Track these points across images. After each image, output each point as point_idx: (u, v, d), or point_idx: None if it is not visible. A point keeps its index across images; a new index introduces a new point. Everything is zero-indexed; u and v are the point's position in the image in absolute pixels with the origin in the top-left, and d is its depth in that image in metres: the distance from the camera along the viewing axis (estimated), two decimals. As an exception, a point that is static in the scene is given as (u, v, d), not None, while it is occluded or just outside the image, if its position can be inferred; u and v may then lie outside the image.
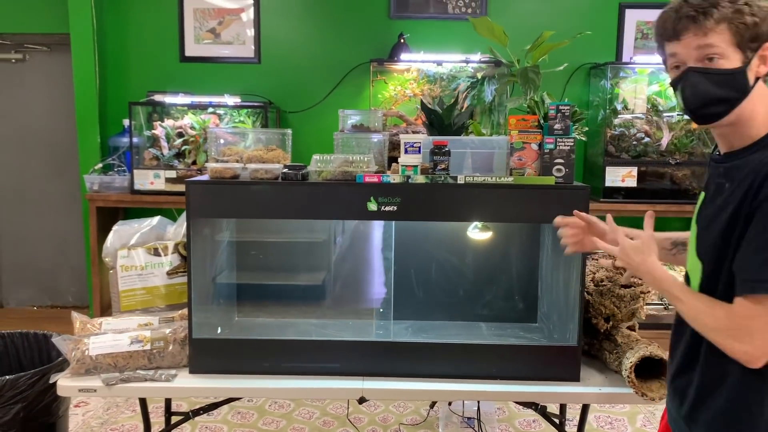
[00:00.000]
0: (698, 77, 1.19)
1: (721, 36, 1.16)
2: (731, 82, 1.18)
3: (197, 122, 4.06)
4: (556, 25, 4.21)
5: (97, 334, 1.90)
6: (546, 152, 1.83)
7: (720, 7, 1.15)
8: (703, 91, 1.19)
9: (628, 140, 4.04)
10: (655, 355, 1.73)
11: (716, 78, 1.18)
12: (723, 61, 1.18)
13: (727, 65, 1.18)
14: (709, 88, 1.19)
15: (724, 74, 1.18)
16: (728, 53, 1.17)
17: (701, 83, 1.19)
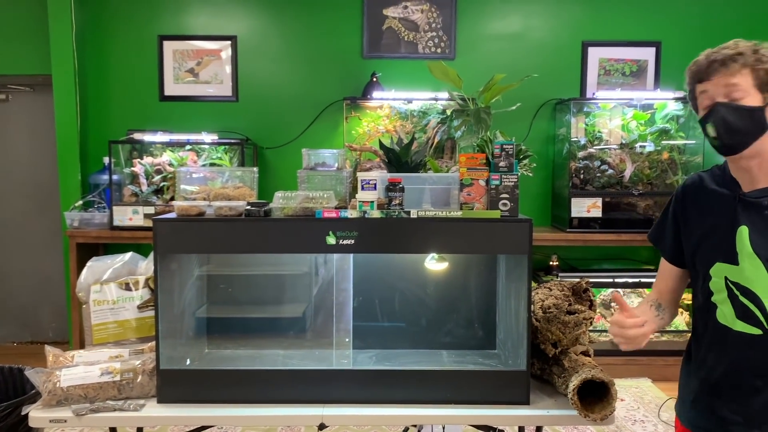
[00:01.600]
0: (726, 110, 1.42)
1: (745, 78, 1.40)
2: (752, 117, 1.40)
3: (175, 159, 4.17)
4: (523, 63, 4.43)
5: (68, 366, 1.97)
6: (492, 188, 1.95)
7: (745, 56, 1.39)
8: (730, 122, 1.41)
9: (592, 172, 4.19)
10: (597, 378, 1.83)
11: (740, 112, 1.41)
12: (745, 100, 1.40)
13: (748, 102, 1.40)
14: (734, 119, 1.41)
15: (746, 110, 1.40)
16: (750, 93, 1.40)
17: (728, 115, 1.42)
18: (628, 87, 4.50)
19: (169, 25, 4.50)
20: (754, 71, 1.39)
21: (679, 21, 4.50)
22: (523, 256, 1.93)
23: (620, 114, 4.30)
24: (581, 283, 2.05)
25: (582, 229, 4.14)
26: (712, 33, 4.46)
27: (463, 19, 4.48)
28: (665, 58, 4.50)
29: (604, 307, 4.19)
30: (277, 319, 2.44)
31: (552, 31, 4.52)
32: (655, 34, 4.51)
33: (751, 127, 1.40)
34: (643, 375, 4.12)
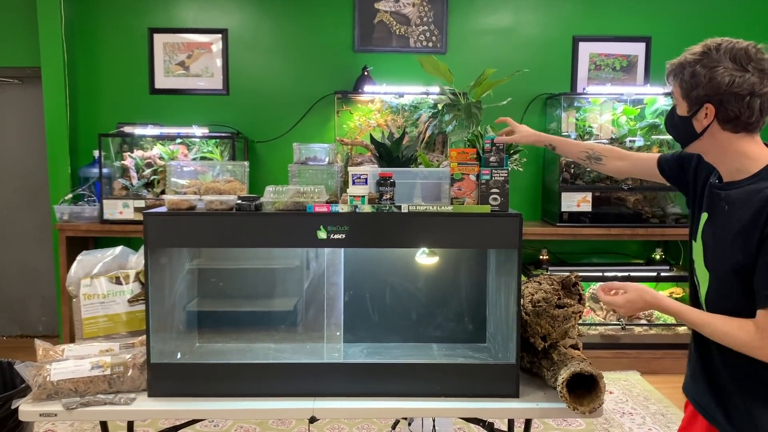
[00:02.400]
0: (670, 111, 1.58)
1: (676, 89, 1.51)
2: (681, 124, 1.52)
3: (166, 153, 4.16)
4: (514, 58, 4.44)
5: (58, 360, 1.97)
6: (483, 183, 1.96)
7: (675, 68, 1.50)
8: (670, 125, 1.59)
9: (582, 167, 4.21)
10: (585, 371, 1.85)
11: (674, 117, 1.55)
12: (678, 107, 1.53)
13: (678, 110, 1.53)
14: (670, 121, 1.58)
15: (677, 117, 1.53)
16: (679, 102, 1.51)
17: (669, 116, 1.59)
18: (618, 82, 4.52)
19: (160, 18, 4.47)
20: (679, 83, 1.49)
21: (670, 16, 4.52)
22: (513, 250, 1.95)
23: (610, 109, 4.32)
24: (570, 277, 2.07)
25: (572, 224, 4.16)
26: (703, 28, 4.48)
27: (455, 13, 4.48)
28: (655, 53, 4.52)
29: (594, 301, 4.22)
30: (269, 313, 2.45)
31: (543, 26, 4.53)
32: (646, 29, 4.53)
33: (682, 132, 1.53)
34: (631, 368, 4.15)
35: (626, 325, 4.18)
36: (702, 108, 1.45)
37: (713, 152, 1.51)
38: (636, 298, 1.58)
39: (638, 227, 4.16)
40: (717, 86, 1.41)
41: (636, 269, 4.31)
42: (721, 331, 1.45)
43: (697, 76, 1.43)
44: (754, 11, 4.54)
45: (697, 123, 1.47)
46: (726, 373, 1.53)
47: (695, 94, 1.44)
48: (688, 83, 1.45)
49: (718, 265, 1.49)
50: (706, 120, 1.45)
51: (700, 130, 1.48)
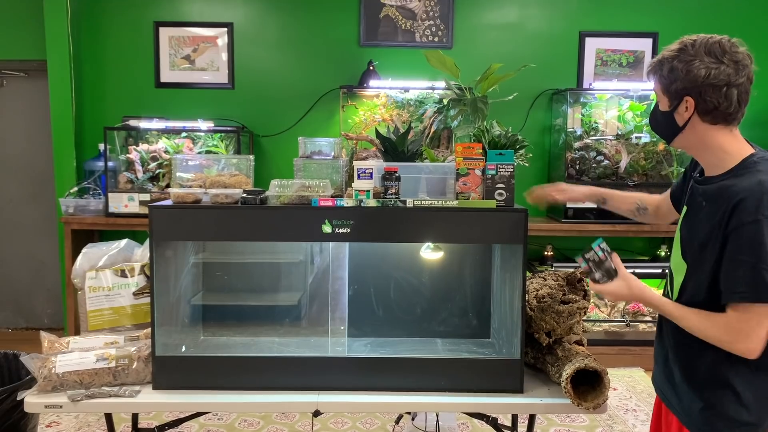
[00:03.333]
0: (653, 110, 1.64)
1: (657, 86, 1.57)
2: (663, 119, 1.58)
3: (171, 146, 4.16)
4: (520, 53, 4.42)
5: (64, 353, 1.98)
6: (488, 178, 1.96)
7: (654, 66, 1.56)
8: (651, 120, 1.65)
9: (587, 163, 4.20)
10: (590, 366, 1.84)
11: (657, 114, 1.61)
12: (660, 103, 1.58)
13: (660, 106, 1.59)
14: (653, 119, 1.64)
15: (659, 112, 1.59)
16: (661, 98, 1.57)
17: (652, 114, 1.65)
18: (624, 78, 4.50)
19: (165, 12, 4.47)
20: (658, 80, 1.55)
21: (676, 12, 4.50)
22: (518, 245, 1.94)
23: (617, 105, 4.30)
24: (575, 273, 2.06)
25: (577, 220, 4.15)
26: (709, 24, 4.45)
27: (461, 8, 4.47)
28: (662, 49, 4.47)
29: (598, 297, 4.21)
30: (273, 307, 2.45)
31: (549, 21, 4.51)
32: (652, 25, 4.50)
33: (666, 127, 1.58)
34: (635, 365, 4.15)
35: (630, 322, 4.17)
36: (682, 101, 1.50)
37: (695, 146, 1.57)
38: (622, 287, 1.61)
39: (644, 224, 4.14)
40: (694, 79, 1.47)
41: (641, 266, 4.30)
42: (696, 326, 1.51)
43: (675, 71, 1.49)
44: (761, 5, 4.51)
45: (678, 117, 1.53)
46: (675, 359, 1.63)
47: (674, 87, 1.50)
48: (667, 78, 1.51)
49: (693, 258, 1.55)
50: (687, 113, 1.51)
51: (681, 124, 1.53)
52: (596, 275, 1.63)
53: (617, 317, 4.21)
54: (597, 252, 1.62)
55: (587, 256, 1.64)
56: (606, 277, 1.62)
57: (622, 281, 1.61)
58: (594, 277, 1.64)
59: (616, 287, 1.61)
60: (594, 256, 1.63)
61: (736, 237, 1.42)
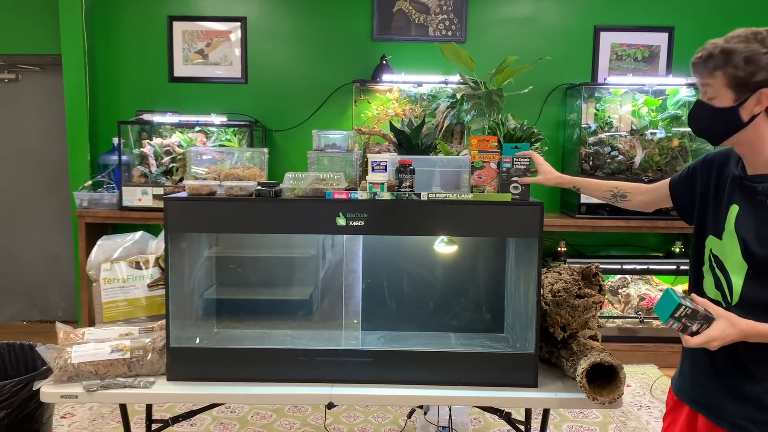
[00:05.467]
0: (698, 108, 1.52)
1: (716, 80, 1.44)
2: (718, 115, 1.47)
3: (185, 140, 4.18)
4: (534, 48, 4.40)
5: (79, 343, 1.99)
6: (504, 171, 1.95)
7: (715, 59, 1.43)
8: (703, 121, 1.52)
9: (602, 158, 4.17)
10: (605, 361, 1.83)
11: (709, 112, 1.49)
12: (716, 100, 1.46)
13: (719, 104, 1.46)
14: (701, 117, 1.52)
15: (716, 110, 1.47)
16: (721, 94, 1.45)
17: (698, 113, 1.53)
18: (639, 72, 4.46)
19: (179, 6, 4.48)
20: (725, 74, 1.43)
21: (693, 6, 4.45)
22: (533, 239, 1.93)
23: (631, 100, 4.27)
24: (591, 267, 2.05)
25: (590, 216, 4.12)
26: (726, 18, 4.40)
27: (474, 2, 4.44)
28: (678, 43, 4.45)
29: (612, 293, 4.19)
30: (285, 301, 2.45)
31: (564, 15, 4.48)
32: (669, 19, 4.46)
33: (722, 124, 1.47)
34: (649, 361, 4.12)
35: (644, 318, 4.15)
36: (754, 95, 1.41)
37: (750, 143, 1.48)
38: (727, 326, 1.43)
39: (658, 219, 4.11)
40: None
41: (655, 262, 4.27)
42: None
43: (754, 62, 1.39)
44: (780, 1, 4.46)
45: (744, 112, 1.44)
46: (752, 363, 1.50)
47: (754, 80, 1.40)
48: (743, 70, 1.40)
49: (764, 258, 1.44)
50: (758, 107, 1.42)
51: (746, 119, 1.44)
52: (694, 327, 1.43)
53: (630, 314, 4.19)
54: (686, 304, 1.42)
55: (677, 315, 1.43)
56: (705, 324, 1.42)
57: (724, 320, 1.43)
58: (692, 331, 1.43)
59: (721, 329, 1.42)
60: (686, 309, 1.42)
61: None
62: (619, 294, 4.20)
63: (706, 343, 1.42)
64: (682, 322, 1.43)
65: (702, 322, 1.42)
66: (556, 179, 2.01)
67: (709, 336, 1.41)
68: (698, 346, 1.43)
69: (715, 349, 1.44)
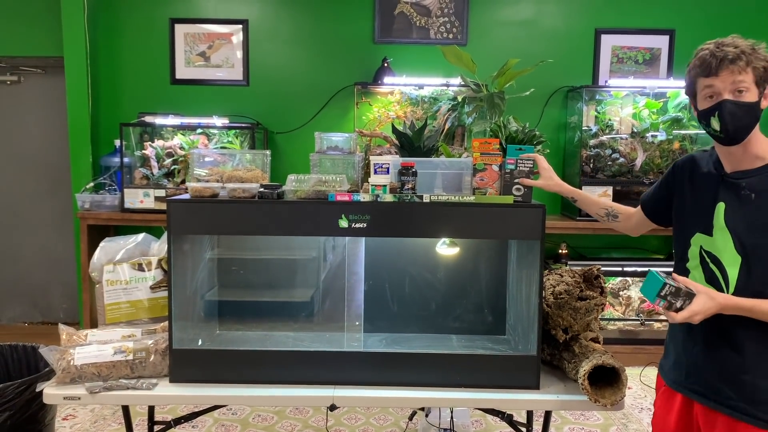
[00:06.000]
0: (734, 107, 1.54)
1: (748, 76, 1.52)
2: (752, 111, 1.55)
3: (186, 143, 4.18)
4: (535, 50, 4.41)
5: (82, 345, 2.00)
6: (507, 172, 1.95)
7: (747, 54, 1.51)
8: (738, 118, 1.55)
9: (603, 160, 4.18)
10: (607, 363, 1.83)
11: (745, 108, 1.54)
12: (747, 95, 1.54)
13: (749, 98, 1.54)
14: (740, 115, 1.55)
15: (749, 105, 1.54)
16: (751, 89, 1.54)
17: (736, 112, 1.54)
18: (640, 75, 4.47)
19: (181, 8, 4.49)
20: (753, 69, 1.52)
21: (693, 9, 4.46)
22: (535, 241, 1.93)
23: (632, 102, 4.27)
24: (593, 269, 2.05)
25: (591, 218, 4.11)
26: (726, 22, 4.41)
27: (476, 4, 4.45)
28: (679, 46, 4.46)
29: (613, 296, 4.19)
30: (287, 303, 2.45)
31: (565, 18, 4.49)
32: (669, 22, 4.47)
33: (751, 120, 1.55)
34: (650, 363, 4.12)
35: (645, 321, 4.15)
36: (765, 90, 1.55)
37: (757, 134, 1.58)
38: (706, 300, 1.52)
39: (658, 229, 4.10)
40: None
41: (656, 264, 4.27)
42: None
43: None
44: (781, 4, 4.46)
45: (761, 106, 1.55)
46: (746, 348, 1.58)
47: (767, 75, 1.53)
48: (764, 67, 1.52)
49: (757, 246, 1.55)
50: (765, 101, 1.56)
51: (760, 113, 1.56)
52: (678, 304, 1.52)
53: (631, 316, 4.19)
54: (670, 283, 1.52)
55: (663, 293, 1.52)
56: (688, 300, 1.52)
57: (704, 295, 1.53)
58: (677, 307, 1.52)
59: (702, 304, 1.51)
60: (670, 288, 1.51)
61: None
62: (620, 296, 4.20)
63: (690, 318, 1.52)
64: (668, 300, 1.52)
65: (685, 299, 1.52)
66: (557, 186, 2.03)
67: (692, 311, 1.51)
68: (683, 320, 1.52)
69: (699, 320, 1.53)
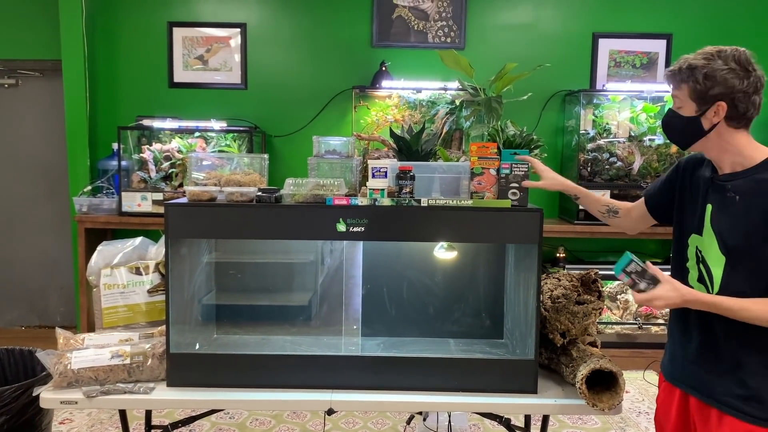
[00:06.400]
0: (669, 115, 1.70)
1: (682, 92, 1.62)
2: (684, 123, 1.65)
3: (184, 146, 4.18)
4: (533, 54, 4.41)
5: (79, 349, 1.99)
6: (503, 177, 1.95)
7: (681, 72, 1.62)
8: (671, 129, 1.71)
9: (600, 164, 4.18)
10: (605, 368, 1.83)
11: (677, 120, 1.67)
12: (682, 110, 1.64)
13: (685, 113, 1.64)
14: (673, 126, 1.69)
15: (682, 118, 1.65)
16: (686, 105, 1.63)
17: (669, 120, 1.70)
18: (638, 79, 4.48)
19: (179, 12, 4.49)
20: (688, 87, 1.60)
21: (691, 13, 4.47)
22: (533, 245, 1.94)
23: (630, 106, 4.28)
24: (590, 273, 2.06)
25: (589, 221, 4.13)
26: (723, 26, 4.43)
27: (474, 8, 4.46)
28: (676, 50, 4.47)
29: (611, 300, 4.20)
30: (284, 307, 2.45)
31: (563, 22, 4.50)
32: (667, 26, 4.48)
33: (690, 131, 1.64)
34: (648, 367, 4.12)
35: (643, 324, 4.15)
36: (712, 107, 1.58)
37: (716, 148, 1.64)
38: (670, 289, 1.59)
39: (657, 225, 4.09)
40: (731, 86, 1.56)
41: (654, 268, 4.27)
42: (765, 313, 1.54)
43: (711, 78, 1.57)
44: (778, 8, 4.48)
45: (705, 121, 1.61)
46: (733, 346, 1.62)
47: (711, 93, 1.57)
48: (702, 85, 1.58)
49: (738, 248, 1.59)
50: (716, 118, 1.60)
51: (707, 128, 1.62)
52: (641, 285, 1.60)
53: (629, 320, 4.19)
54: (637, 261, 1.60)
55: (628, 269, 1.60)
56: (652, 284, 1.59)
57: (668, 284, 1.60)
58: (639, 288, 1.60)
59: (665, 291, 1.59)
60: (636, 266, 1.60)
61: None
62: (618, 300, 4.21)
63: (650, 301, 1.59)
64: (632, 278, 1.61)
65: (649, 282, 1.60)
66: (560, 185, 2.03)
67: (653, 294, 1.58)
68: (643, 302, 1.60)
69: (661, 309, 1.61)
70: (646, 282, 1.60)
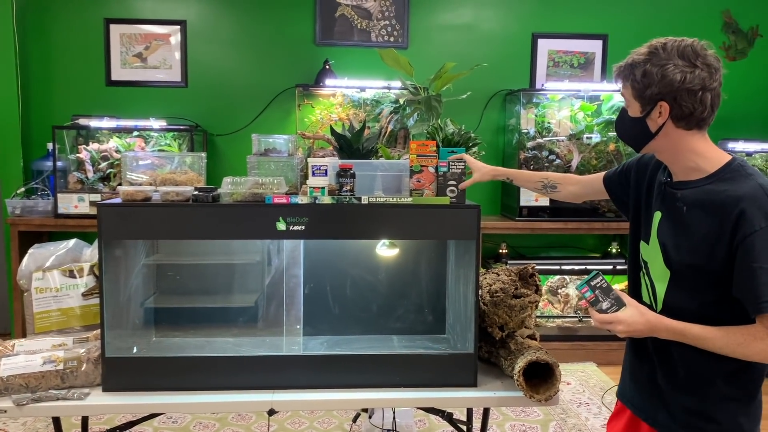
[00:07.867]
0: (619, 116, 1.59)
1: (627, 91, 1.50)
2: (632, 125, 1.52)
3: (122, 146, 4.08)
4: (475, 54, 4.48)
5: (8, 356, 1.92)
6: (440, 175, 1.98)
7: (624, 71, 1.50)
8: (620, 129, 1.60)
9: (540, 162, 4.28)
10: (541, 359, 1.88)
11: (626, 119, 1.54)
12: (629, 109, 1.52)
13: (631, 114, 1.52)
14: (621, 126, 1.58)
15: (629, 118, 1.53)
16: (631, 104, 1.51)
17: (619, 120, 1.59)
18: (576, 78, 4.60)
19: (116, 8, 4.38)
20: (630, 84, 1.48)
21: (626, 14, 4.62)
22: (471, 241, 1.97)
23: (568, 105, 4.39)
24: (527, 268, 2.10)
25: (530, 218, 4.22)
26: (658, 26, 4.58)
27: (416, 8, 4.50)
28: (612, 50, 4.61)
29: (551, 294, 4.30)
30: (229, 309, 2.42)
31: (503, 23, 4.58)
32: (603, 27, 4.62)
33: (636, 133, 1.52)
34: (588, 359, 4.24)
35: (583, 317, 4.26)
36: (656, 107, 1.44)
37: (667, 151, 1.51)
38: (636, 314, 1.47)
39: (595, 221, 4.24)
40: (670, 83, 1.41)
41: (592, 262, 4.39)
42: (735, 342, 1.39)
43: (648, 75, 1.43)
44: (706, 10, 4.66)
45: (651, 123, 1.47)
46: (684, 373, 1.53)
47: (649, 93, 1.43)
48: (640, 83, 1.44)
49: (682, 264, 1.47)
50: (660, 119, 1.45)
51: (654, 130, 1.47)
52: (604, 304, 1.48)
53: (570, 313, 4.30)
54: (603, 277, 1.50)
55: (593, 283, 1.49)
56: (616, 306, 1.47)
57: (635, 309, 1.47)
58: (601, 307, 1.48)
59: (630, 315, 1.45)
60: (602, 282, 1.49)
61: (749, 245, 1.35)
62: (559, 294, 4.31)
63: (611, 324, 1.46)
64: (595, 294, 1.49)
65: (613, 302, 1.48)
66: (491, 173, 2.03)
67: (616, 317, 1.46)
68: (603, 323, 1.47)
69: (623, 335, 1.49)
70: (610, 301, 1.48)
